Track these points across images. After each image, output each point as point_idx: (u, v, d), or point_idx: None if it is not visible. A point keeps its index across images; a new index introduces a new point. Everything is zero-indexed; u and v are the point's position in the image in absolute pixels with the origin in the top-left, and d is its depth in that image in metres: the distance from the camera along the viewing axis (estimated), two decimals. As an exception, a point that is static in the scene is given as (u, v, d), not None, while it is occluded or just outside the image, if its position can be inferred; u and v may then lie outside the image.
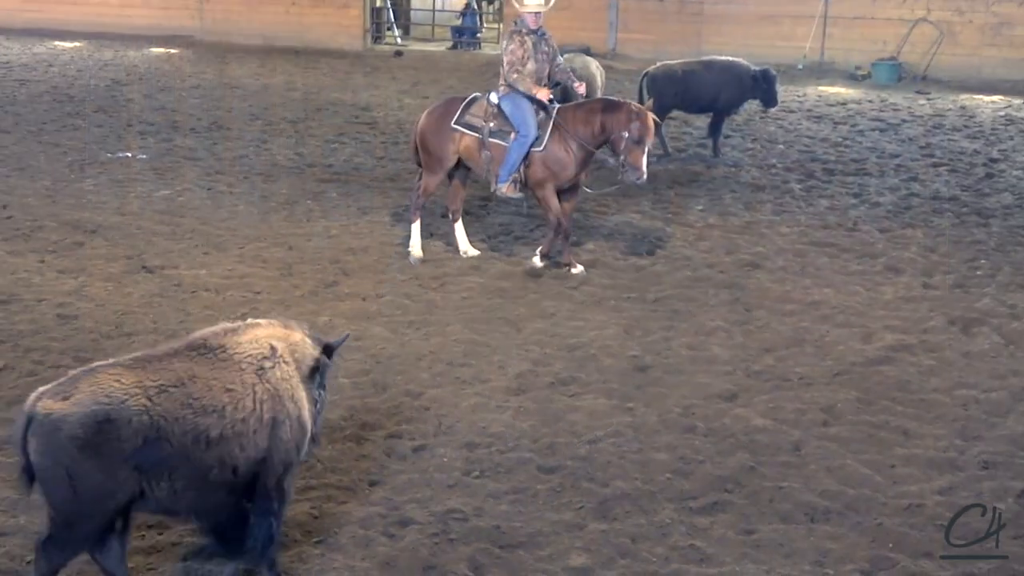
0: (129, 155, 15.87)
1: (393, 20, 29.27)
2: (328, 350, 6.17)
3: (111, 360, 5.67)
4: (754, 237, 12.59)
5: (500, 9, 28.25)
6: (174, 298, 10.40)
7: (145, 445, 5.39)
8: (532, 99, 11.10)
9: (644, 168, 10.93)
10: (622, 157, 10.94)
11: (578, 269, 11.26)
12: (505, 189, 11.25)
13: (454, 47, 28.16)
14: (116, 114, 18.65)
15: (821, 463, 7.62)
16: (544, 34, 11.36)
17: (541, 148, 11.07)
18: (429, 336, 9.68)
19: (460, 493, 7.19)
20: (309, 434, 5.98)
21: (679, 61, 16.77)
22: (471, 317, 10.13)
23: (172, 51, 26.06)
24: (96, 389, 5.36)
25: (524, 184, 11.25)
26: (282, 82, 22.35)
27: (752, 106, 17.44)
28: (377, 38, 28.40)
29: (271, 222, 12.74)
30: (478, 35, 28.55)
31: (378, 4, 28.66)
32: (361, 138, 17.42)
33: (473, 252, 11.74)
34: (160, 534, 6.61)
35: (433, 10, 30.67)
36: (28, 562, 6.36)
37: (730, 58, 16.47)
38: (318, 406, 6.11)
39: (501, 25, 27.97)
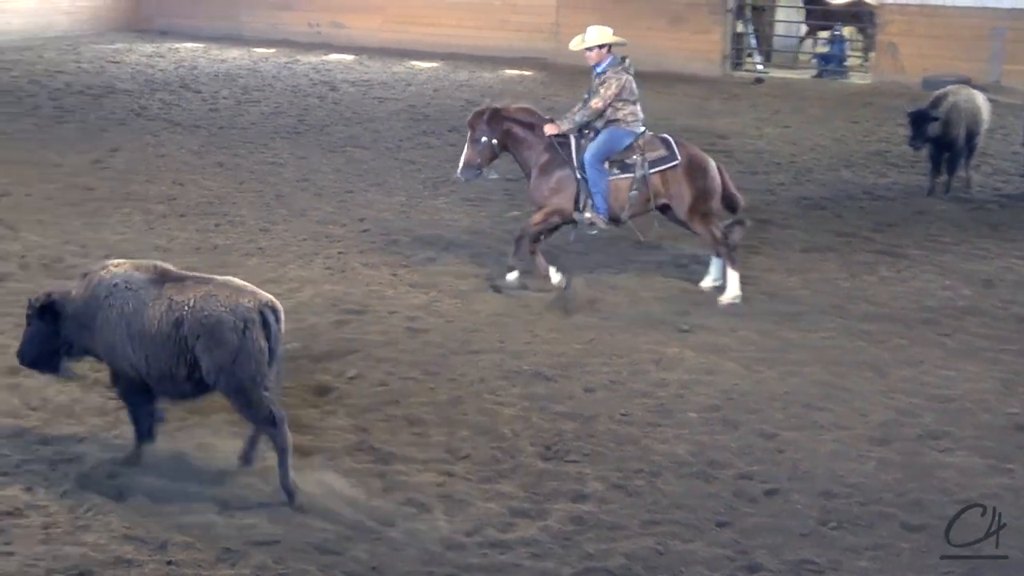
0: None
1: (755, 46, 28.50)
2: None
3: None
4: None
5: (872, 36, 26.91)
6: (521, 318, 10.32)
7: None
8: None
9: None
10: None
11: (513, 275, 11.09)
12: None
13: (819, 75, 27.13)
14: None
15: None
16: (597, 72, 11.32)
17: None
18: (784, 376, 9.14)
19: (814, 543, 6.73)
20: None
21: (1072, 96, 15.44)
22: (830, 359, 9.52)
23: (526, 73, 26.42)
24: None
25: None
26: (635, 107, 22.13)
27: None
28: (737, 64, 27.74)
29: (620, 247, 12.46)
30: (845, 63, 27.39)
31: (739, 29, 28.01)
32: (717, 166, 16.94)
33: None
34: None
35: (799, 36, 29.70)
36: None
37: None
38: None
39: (872, 54, 26.71)
